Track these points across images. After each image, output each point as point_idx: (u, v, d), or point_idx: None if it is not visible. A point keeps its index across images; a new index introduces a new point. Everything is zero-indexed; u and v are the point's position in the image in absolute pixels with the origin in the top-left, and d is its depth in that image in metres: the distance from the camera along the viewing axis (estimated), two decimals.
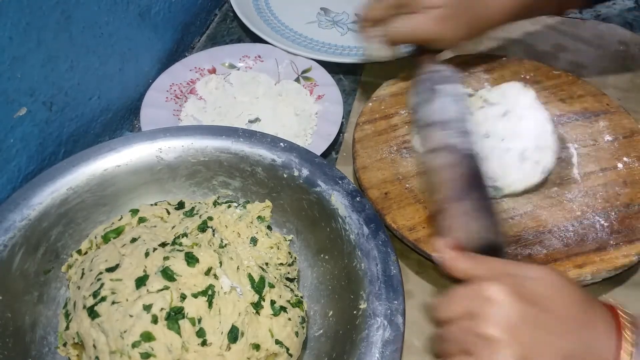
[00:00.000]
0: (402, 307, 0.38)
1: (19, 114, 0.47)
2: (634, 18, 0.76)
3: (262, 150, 0.48)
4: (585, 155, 0.54)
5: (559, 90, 0.59)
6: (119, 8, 0.56)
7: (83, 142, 0.56)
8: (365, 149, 0.54)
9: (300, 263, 0.46)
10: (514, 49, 0.70)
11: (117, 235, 0.44)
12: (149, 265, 0.39)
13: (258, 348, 0.38)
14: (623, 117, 0.56)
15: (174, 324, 0.36)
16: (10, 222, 0.41)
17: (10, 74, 0.44)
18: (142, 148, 0.48)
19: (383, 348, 0.36)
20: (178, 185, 0.49)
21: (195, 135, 0.49)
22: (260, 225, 0.45)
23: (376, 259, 0.40)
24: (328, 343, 0.41)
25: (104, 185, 0.46)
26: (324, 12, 0.77)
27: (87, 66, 0.53)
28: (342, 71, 0.68)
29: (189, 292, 0.38)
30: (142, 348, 0.35)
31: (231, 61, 0.67)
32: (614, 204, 0.50)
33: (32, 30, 0.45)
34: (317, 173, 0.46)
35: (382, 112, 0.57)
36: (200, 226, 0.43)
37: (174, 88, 0.63)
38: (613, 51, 0.70)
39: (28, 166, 0.49)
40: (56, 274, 0.44)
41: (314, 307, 0.44)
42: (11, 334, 0.39)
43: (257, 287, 0.40)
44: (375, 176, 0.51)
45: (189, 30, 0.72)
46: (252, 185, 0.49)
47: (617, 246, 0.46)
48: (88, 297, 0.38)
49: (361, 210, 0.43)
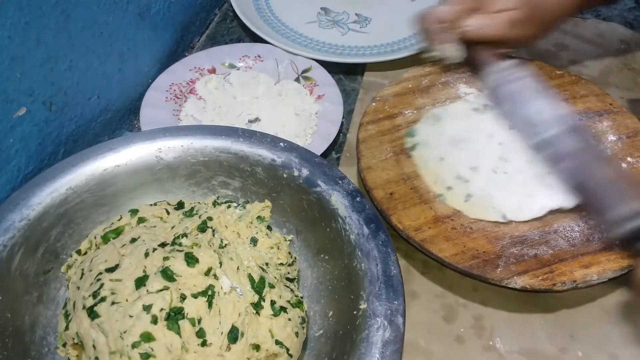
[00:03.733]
0: (402, 308, 0.38)
1: (18, 114, 0.46)
2: (634, 18, 0.76)
3: (262, 150, 0.47)
4: None
5: (562, 90, 0.59)
6: (118, 7, 0.56)
7: (82, 142, 0.56)
8: (369, 149, 0.53)
9: (300, 263, 0.46)
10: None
11: (116, 235, 0.44)
12: (148, 265, 0.39)
13: (258, 348, 0.38)
14: (626, 117, 0.56)
15: (174, 325, 0.36)
16: (10, 222, 0.41)
17: (10, 73, 0.44)
18: (142, 148, 0.48)
19: (383, 348, 0.36)
20: (178, 185, 0.49)
21: (194, 135, 0.48)
22: (260, 225, 0.45)
23: (376, 259, 0.40)
24: (328, 343, 0.40)
25: (104, 185, 0.46)
26: (324, 12, 0.77)
27: (86, 66, 0.53)
28: (342, 71, 0.68)
29: (189, 293, 0.38)
30: (142, 348, 0.35)
31: (231, 61, 0.67)
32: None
33: (31, 30, 0.45)
34: (317, 173, 0.46)
35: (385, 112, 0.57)
36: (200, 226, 0.43)
37: (174, 88, 0.63)
38: (614, 50, 0.70)
39: (27, 166, 0.49)
40: (56, 274, 0.43)
41: (314, 307, 0.44)
42: (10, 334, 0.39)
43: (257, 288, 0.40)
44: (380, 176, 0.51)
45: (188, 30, 0.72)
46: (252, 185, 0.48)
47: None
48: (88, 297, 0.38)
49: (361, 210, 0.43)
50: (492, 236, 0.47)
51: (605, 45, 0.71)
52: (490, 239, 0.47)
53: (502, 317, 0.47)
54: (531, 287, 0.43)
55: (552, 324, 0.46)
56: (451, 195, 0.50)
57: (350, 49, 0.70)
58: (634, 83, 0.66)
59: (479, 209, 0.48)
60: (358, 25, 0.75)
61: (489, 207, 0.49)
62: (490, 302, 0.47)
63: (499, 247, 0.46)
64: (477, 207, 0.49)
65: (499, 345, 0.45)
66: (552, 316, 0.46)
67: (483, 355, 0.44)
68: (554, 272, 0.44)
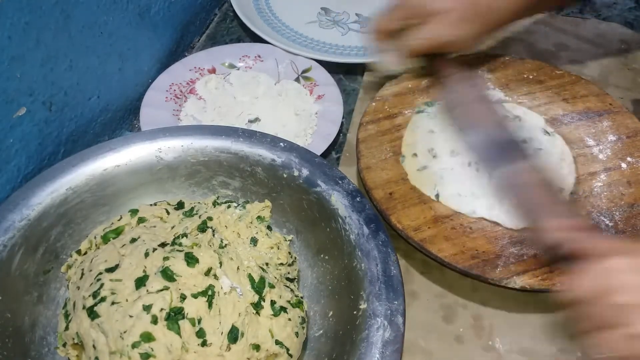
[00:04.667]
0: (402, 308, 0.38)
1: (18, 114, 0.46)
2: (634, 18, 0.76)
3: (262, 150, 0.47)
4: (589, 155, 0.54)
5: (562, 90, 0.59)
6: (118, 7, 0.56)
7: (82, 142, 0.56)
8: (369, 149, 0.53)
9: (300, 263, 0.46)
10: (515, 48, 0.70)
11: (116, 235, 0.44)
12: (148, 265, 0.39)
13: (258, 348, 0.38)
14: (626, 117, 0.56)
15: (174, 325, 0.36)
16: (10, 222, 0.41)
17: (10, 73, 0.44)
18: (142, 148, 0.48)
19: (383, 348, 0.36)
20: (177, 185, 0.49)
21: (194, 135, 0.48)
22: (260, 225, 0.45)
23: (376, 259, 0.40)
24: (328, 343, 0.40)
25: (104, 185, 0.46)
26: (324, 11, 0.76)
27: (86, 66, 0.53)
28: (342, 71, 0.68)
29: (189, 293, 0.38)
30: (142, 348, 0.35)
31: (231, 61, 0.67)
32: (618, 203, 0.49)
33: (31, 30, 0.45)
34: (317, 173, 0.46)
35: (385, 112, 0.57)
36: (200, 226, 0.43)
37: (174, 88, 0.63)
38: (614, 50, 0.70)
39: (27, 166, 0.49)
40: (56, 274, 0.43)
41: (314, 307, 0.44)
42: (10, 334, 0.39)
43: (257, 288, 0.40)
44: (380, 176, 0.51)
45: (188, 30, 0.72)
46: (252, 185, 0.48)
47: None
48: (88, 297, 0.38)
49: (361, 210, 0.43)
50: (492, 236, 0.47)
51: (605, 45, 0.71)
52: (490, 238, 0.47)
53: (501, 317, 0.47)
54: (530, 287, 0.43)
55: (552, 324, 0.46)
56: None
57: (350, 49, 0.70)
58: (634, 83, 0.66)
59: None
60: (358, 25, 0.74)
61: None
62: (489, 302, 0.47)
63: (499, 246, 0.46)
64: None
65: (498, 345, 0.45)
66: (551, 316, 0.46)
67: (482, 355, 0.44)
68: (553, 271, 0.44)
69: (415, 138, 0.55)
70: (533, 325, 0.46)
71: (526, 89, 0.60)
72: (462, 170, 0.52)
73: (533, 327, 0.46)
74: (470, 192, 0.50)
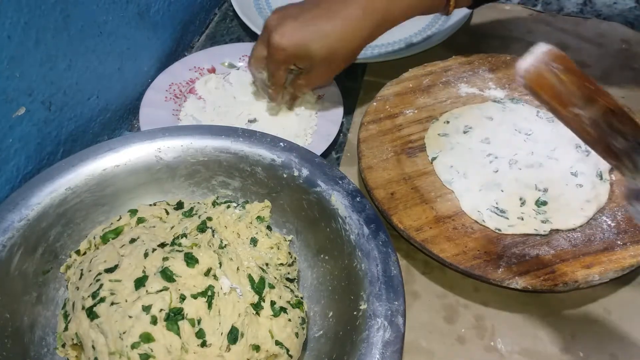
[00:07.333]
0: (402, 308, 0.38)
1: (17, 114, 0.46)
2: (635, 17, 0.76)
3: (262, 150, 0.47)
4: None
5: None
6: (117, 7, 0.56)
7: (82, 142, 0.55)
8: (370, 149, 0.53)
9: (300, 263, 0.46)
10: (516, 48, 0.69)
11: (116, 235, 0.43)
12: (148, 266, 0.39)
13: (258, 349, 0.38)
14: None
15: (174, 325, 0.36)
16: (9, 223, 0.41)
17: (9, 73, 0.44)
18: (141, 148, 0.48)
19: (383, 349, 0.36)
20: (177, 185, 0.49)
21: (194, 135, 0.48)
22: (260, 225, 0.45)
23: (376, 259, 0.40)
24: (328, 344, 0.40)
25: (103, 185, 0.46)
26: None
27: (85, 65, 0.53)
28: (342, 71, 0.68)
29: (189, 293, 0.38)
30: (141, 349, 0.35)
31: (231, 60, 0.66)
32: (621, 203, 0.49)
33: (30, 30, 0.45)
34: (317, 173, 0.46)
35: (386, 112, 0.57)
36: (200, 226, 0.43)
37: (173, 87, 0.62)
38: (615, 49, 0.70)
39: (27, 166, 0.49)
40: (55, 274, 0.43)
41: (314, 307, 0.43)
42: (10, 334, 0.39)
43: (257, 288, 0.40)
44: (381, 176, 0.51)
45: (188, 30, 0.72)
46: (252, 185, 0.48)
47: (625, 246, 0.45)
48: (87, 297, 0.38)
49: (361, 210, 0.43)
50: (494, 236, 0.47)
51: (606, 45, 0.70)
52: (492, 239, 0.47)
53: (503, 317, 0.46)
54: (532, 288, 0.43)
55: (554, 324, 0.46)
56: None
57: None
58: (634, 83, 0.66)
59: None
60: None
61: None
62: (491, 303, 0.47)
63: (501, 247, 0.46)
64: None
65: (500, 345, 0.45)
66: (553, 316, 0.46)
67: (484, 355, 0.44)
68: (556, 272, 0.44)
69: (464, 112, 0.57)
70: (535, 325, 0.46)
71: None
72: (477, 158, 0.53)
73: (535, 327, 0.46)
74: (463, 169, 0.52)
